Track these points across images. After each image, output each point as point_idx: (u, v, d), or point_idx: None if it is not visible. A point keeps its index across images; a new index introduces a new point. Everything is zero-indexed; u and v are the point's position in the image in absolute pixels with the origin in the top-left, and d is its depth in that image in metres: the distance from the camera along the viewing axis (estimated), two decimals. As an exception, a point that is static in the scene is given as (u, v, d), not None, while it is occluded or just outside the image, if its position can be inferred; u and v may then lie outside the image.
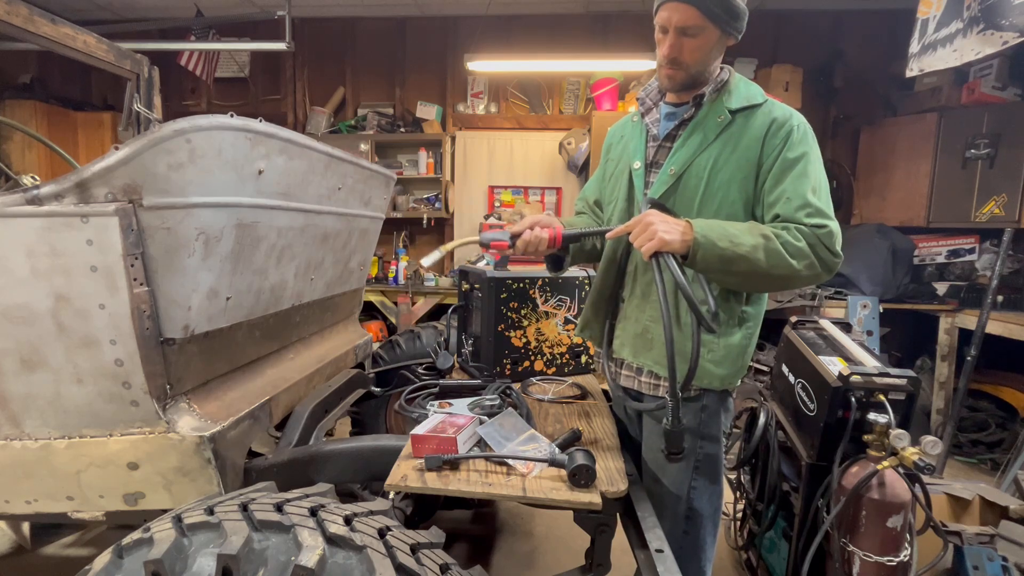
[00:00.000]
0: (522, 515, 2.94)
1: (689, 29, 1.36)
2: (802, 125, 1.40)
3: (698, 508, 1.52)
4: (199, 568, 0.98)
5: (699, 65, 1.41)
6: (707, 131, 1.43)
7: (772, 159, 1.38)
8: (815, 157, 1.39)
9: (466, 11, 5.12)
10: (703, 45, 1.38)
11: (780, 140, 1.37)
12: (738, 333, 1.46)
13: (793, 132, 1.38)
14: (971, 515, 2.11)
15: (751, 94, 1.44)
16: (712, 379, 1.45)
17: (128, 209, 1.22)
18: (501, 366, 2.01)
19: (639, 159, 1.54)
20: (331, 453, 1.63)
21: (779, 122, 1.39)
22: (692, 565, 1.54)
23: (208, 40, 4.59)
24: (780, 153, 1.37)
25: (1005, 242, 3.22)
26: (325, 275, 2.07)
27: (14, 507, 1.45)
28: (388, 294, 5.14)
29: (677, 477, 1.51)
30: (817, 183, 1.36)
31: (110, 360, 1.30)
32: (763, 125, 1.39)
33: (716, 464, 1.53)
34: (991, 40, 2.74)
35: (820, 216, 1.33)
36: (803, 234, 1.31)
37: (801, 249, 1.30)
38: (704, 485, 1.51)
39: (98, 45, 2.06)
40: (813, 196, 1.34)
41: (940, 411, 4.10)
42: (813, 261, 1.31)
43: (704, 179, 1.42)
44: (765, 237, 1.31)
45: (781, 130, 1.38)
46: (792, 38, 4.91)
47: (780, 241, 1.30)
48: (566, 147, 4.97)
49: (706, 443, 1.50)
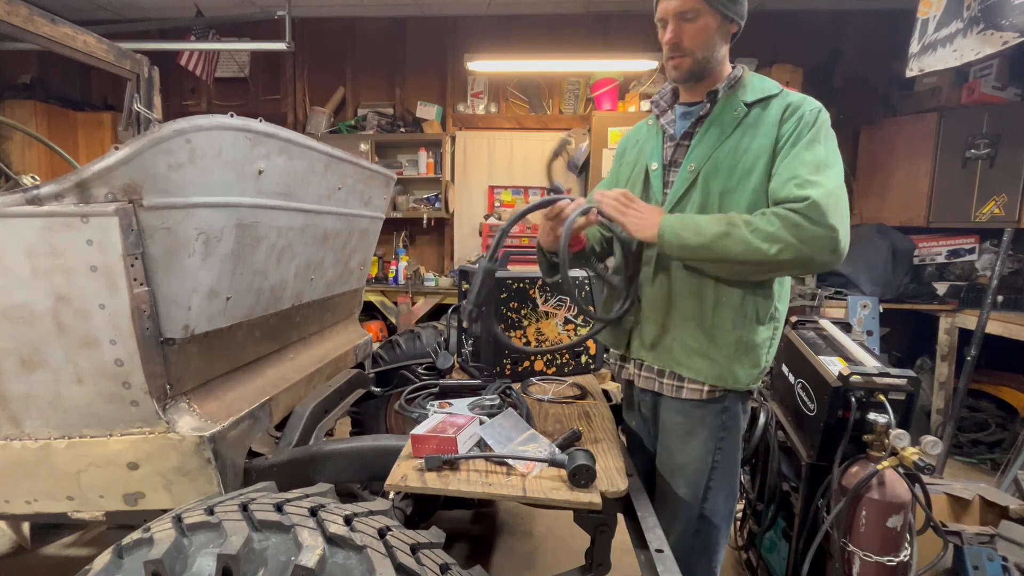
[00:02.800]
0: (522, 515, 2.94)
1: (687, 13, 1.37)
2: (816, 109, 1.39)
3: (713, 508, 1.51)
4: (199, 568, 0.98)
5: (702, 50, 1.40)
6: (724, 125, 1.42)
7: (784, 140, 1.37)
8: (824, 138, 1.37)
9: (466, 11, 5.12)
10: (703, 29, 1.38)
11: (793, 122, 1.37)
12: (763, 331, 1.44)
13: (806, 115, 1.37)
14: (971, 515, 2.11)
15: (766, 87, 1.43)
16: (737, 380, 1.44)
17: (128, 209, 1.22)
18: (501, 366, 2.01)
19: (656, 160, 1.52)
20: (331, 453, 1.63)
21: (794, 105, 1.38)
22: (703, 565, 1.53)
23: (208, 40, 4.58)
24: (791, 134, 1.36)
25: (1005, 242, 3.22)
26: (325, 275, 2.07)
27: (14, 507, 1.45)
28: (388, 294, 5.14)
29: (695, 479, 1.50)
30: (819, 160, 1.33)
31: (110, 360, 1.30)
32: (779, 110, 1.39)
33: (733, 465, 1.52)
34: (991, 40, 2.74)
35: (808, 187, 1.28)
36: (778, 216, 1.28)
37: (772, 234, 1.27)
38: (721, 486, 1.50)
39: (98, 45, 2.06)
40: (806, 169, 1.31)
41: (940, 411, 4.10)
42: (791, 243, 1.26)
43: (725, 171, 1.41)
44: (731, 224, 1.30)
45: (795, 113, 1.37)
46: (792, 38, 4.91)
47: (749, 228, 1.28)
48: (566, 147, 4.98)
49: (725, 444, 1.49)
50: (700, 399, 1.47)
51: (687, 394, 1.48)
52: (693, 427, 1.49)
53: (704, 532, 1.52)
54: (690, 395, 1.48)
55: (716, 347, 1.43)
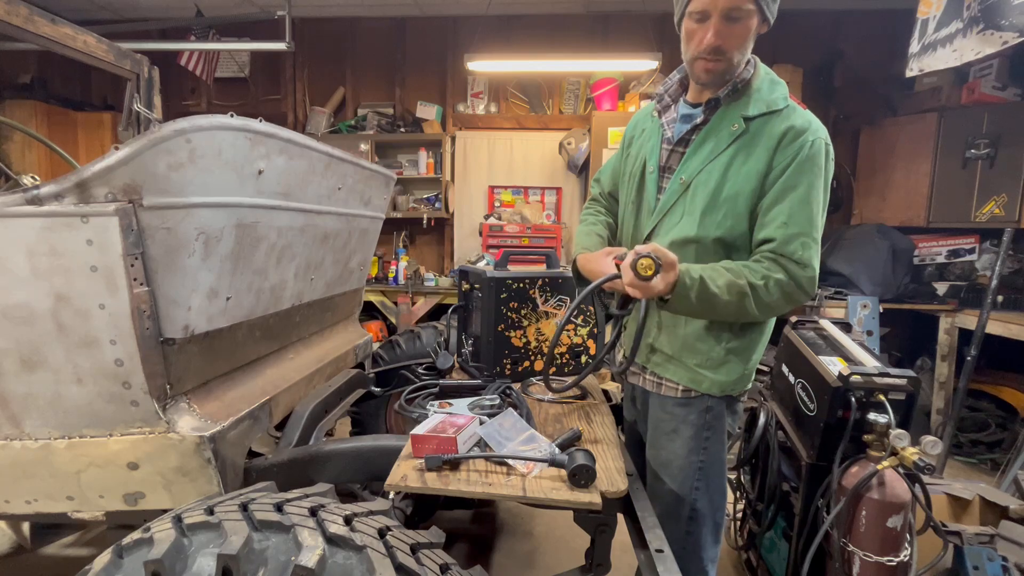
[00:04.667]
0: (522, 515, 2.94)
1: (734, 11, 1.24)
2: (819, 141, 1.30)
3: (700, 508, 1.52)
4: (199, 568, 0.98)
5: (741, 53, 1.31)
6: (720, 139, 1.36)
7: (778, 172, 1.30)
8: (823, 181, 1.31)
9: (466, 11, 5.12)
10: (746, 31, 1.28)
11: (791, 153, 1.29)
12: (739, 342, 1.45)
13: (805, 147, 1.29)
14: (971, 515, 2.11)
15: (773, 99, 1.35)
16: (712, 385, 1.45)
17: (128, 209, 1.22)
18: (501, 366, 2.01)
19: (653, 163, 1.49)
20: (331, 453, 1.63)
21: (795, 132, 1.30)
22: (693, 565, 1.54)
23: (208, 40, 4.58)
24: (788, 166, 1.29)
25: (1005, 242, 3.22)
26: (325, 275, 2.07)
27: (14, 507, 1.45)
28: (388, 294, 5.14)
29: (680, 477, 1.51)
30: (817, 211, 1.31)
31: (110, 360, 1.30)
32: (778, 134, 1.30)
33: (720, 465, 1.53)
34: (991, 40, 2.74)
35: (810, 250, 1.30)
36: (781, 288, 1.30)
37: (770, 305, 1.31)
38: (707, 486, 1.51)
39: (98, 45, 2.06)
40: (809, 223, 1.30)
41: (940, 411, 4.10)
42: (782, 308, 1.34)
43: (712, 189, 1.36)
44: (741, 295, 1.28)
45: (795, 143, 1.29)
46: (792, 38, 4.90)
47: (754, 298, 1.30)
48: (566, 147, 4.97)
49: (710, 444, 1.50)
50: (676, 397, 1.49)
51: (665, 391, 1.51)
52: (677, 425, 1.51)
53: (694, 533, 1.53)
54: (668, 392, 1.51)
55: (690, 355, 1.46)
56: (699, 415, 1.48)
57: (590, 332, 2.09)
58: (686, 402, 1.49)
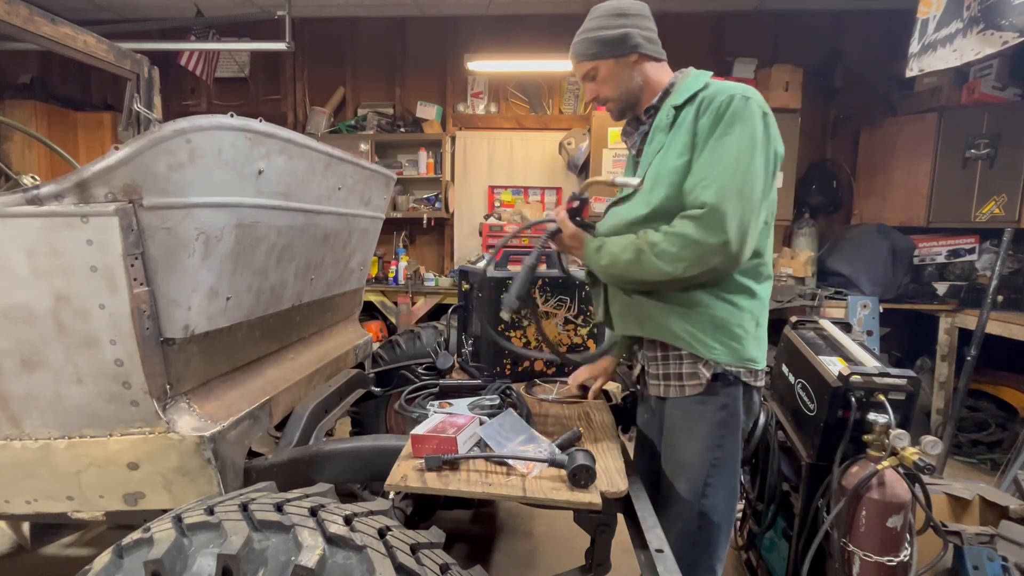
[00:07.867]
0: (522, 515, 2.94)
1: (588, 74, 1.54)
2: (734, 99, 1.34)
3: (713, 506, 1.51)
4: (199, 568, 0.98)
5: (618, 91, 1.54)
6: (660, 132, 1.49)
7: (702, 136, 1.37)
8: (742, 132, 1.33)
9: (466, 11, 5.11)
10: (607, 77, 1.53)
11: (708, 116, 1.36)
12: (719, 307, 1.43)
13: (720, 106, 1.34)
14: (971, 515, 2.11)
15: (693, 84, 1.45)
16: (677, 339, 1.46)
17: (128, 209, 1.22)
18: (501, 366, 2.01)
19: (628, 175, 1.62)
20: (331, 453, 1.63)
21: (708, 98, 1.37)
22: (703, 563, 1.53)
23: (208, 40, 4.58)
24: (706, 129, 1.36)
25: (1005, 242, 3.22)
26: (325, 275, 2.07)
27: (14, 507, 1.45)
28: (388, 294, 5.14)
29: (695, 474, 1.50)
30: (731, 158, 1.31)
31: (110, 360, 1.30)
32: (697, 104, 1.39)
33: (734, 463, 1.52)
34: (991, 40, 2.74)
35: (708, 193, 1.30)
36: (677, 235, 1.33)
37: (675, 255, 1.33)
38: (721, 484, 1.50)
39: (98, 45, 2.06)
40: (710, 169, 1.32)
41: (940, 411, 4.10)
42: (693, 260, 1.32)
43: (657, 170, 1.45)
44: (639, 250, 1.39)
45: (711, 105, 1.36)
46: (792, 38, 4.91)
47: (654, 251, 1.36)
48: (566, 147, 4.97)
49: (726, 441, 1.49)
50: (701, 394, 1.47)
51: (689, 391, 1.49)
52: (693, 423, 1.50)
53: (705, 529, 1.52)
54: (692, 391, 1.49)
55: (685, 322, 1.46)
56: (715, 411, 1.47)
57: (590, 332, 2.10)
58: (703, 399, 1.48)
